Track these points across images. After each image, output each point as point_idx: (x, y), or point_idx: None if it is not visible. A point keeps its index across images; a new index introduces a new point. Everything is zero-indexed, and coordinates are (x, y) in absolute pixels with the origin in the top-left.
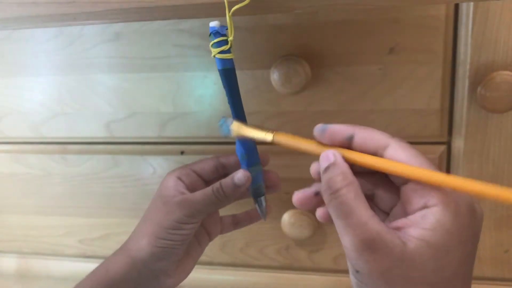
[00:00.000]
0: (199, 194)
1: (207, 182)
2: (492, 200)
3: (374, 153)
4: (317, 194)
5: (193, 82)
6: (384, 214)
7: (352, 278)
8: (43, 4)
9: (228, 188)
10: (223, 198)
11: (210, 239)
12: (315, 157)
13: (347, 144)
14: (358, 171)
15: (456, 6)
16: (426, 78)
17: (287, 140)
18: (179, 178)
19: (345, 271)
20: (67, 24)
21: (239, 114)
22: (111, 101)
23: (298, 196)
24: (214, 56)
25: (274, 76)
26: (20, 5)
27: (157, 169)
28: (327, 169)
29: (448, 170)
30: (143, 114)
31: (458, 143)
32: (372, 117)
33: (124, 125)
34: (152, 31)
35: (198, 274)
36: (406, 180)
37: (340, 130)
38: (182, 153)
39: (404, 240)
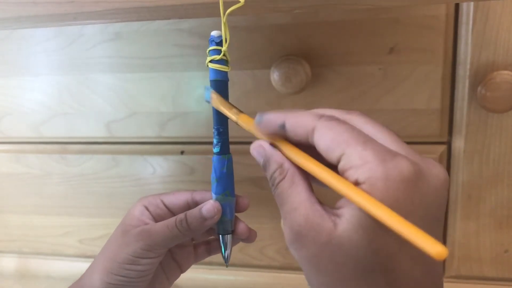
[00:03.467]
0: (160, 225)
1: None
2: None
3: (306, 140)
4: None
5: (193, 82)
6: None
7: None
8: (43, 4)
9: (194, 220)
10: (187, 231)
11: (182, 271)
12: None
13: (282, 132)
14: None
15: (456, 6)
16: (426, 78)
17: (247, 124)
18: (146, 208)
19: None
20: (67, 24)
21: (223, 136)
22: (111, 101)
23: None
24: (207, 64)
25: (274, 76)
26: (20, 5)
27: (157, 169)
28: (264, 167)
29: (448, 170)
30: (143, 114)
31: (458, 143)
32: (372, 117)
33: (124, 125)
34: (152, 31)
35: (197, 274)
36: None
37: (273, 119)
38: (182, 153)
39: (335, 221)
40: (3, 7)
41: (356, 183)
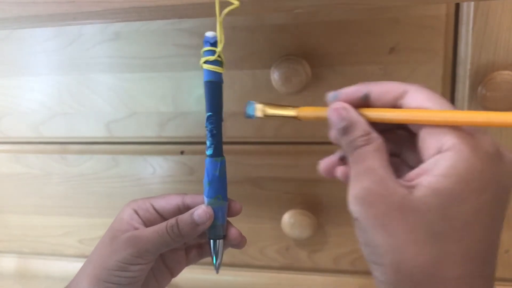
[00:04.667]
0: (150, 231)
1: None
2: None
3: (393, 106)
4: (342, 159)
5: (193, 82)
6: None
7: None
8: (43, 4)
9: (186, 226)
10: (178, 237)
11: (173, 276)
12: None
13: (364, 104)
14: (383, 129)
15: (457, 6)
16: (426, 78)
17: (312, 113)
18: (136, 212)
19: (345, 271)
20: (67, 24)
21: (216, 138)
22: (111, 101)
23: (323, 164)
24: (201, 65)
25: (274, 76)
26: (20, 4)
27: (157, 169)
28: (345, 129)
29: None
30: (143, 114)
31: None
32: None
33: (124, 125)
34: (152, 31)
35: (197, 274)
36: (422, 127)
37: (353, 91)
38: (182, 153)
39: (410, 189)
40: (3, 7)
41: (442, 148)
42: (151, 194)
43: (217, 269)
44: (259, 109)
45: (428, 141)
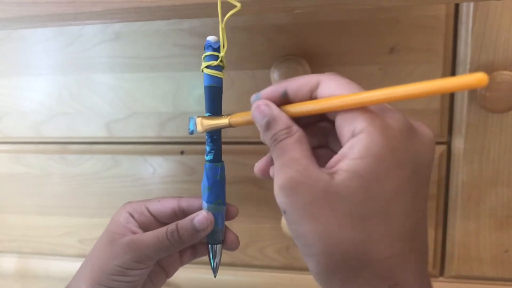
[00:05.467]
0: (150, 236)
1: (163, 223)
2: (424, 96)
3: (310, 98)
4: None
5: (193, 82)
6: None
7: (285, 224)
8: (43, 4)
9: (186, 232)
10: (178, 243)
11: (168, 276)
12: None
13: (284, 101)
14: (307, 122)
15: (456, 6)
16: (426, 78)
17: (240, 118)
18: (131, 215)
19: None
20: (67, 24)
21: (216, 144)
22: (111, 101)
23: (258, 165)
24: (202, 70)
25: (274, 76)
26: (20, 5)
27: (157, 169)
28: (267, 125)
29: (448, 170)
30: (143, 114)
31: (458, 143)
32: None
33: (124, 125)
34: (152, 31)
35: (197, 274)
36: (336, 114)
37: (272, 90)
38: (182, 153)
39: (332, 175)
40: (3, 7)
41: (355, 131)
42: (151, 194)
43: (215, 272)
44: (198, 123)
45: (343, 127)
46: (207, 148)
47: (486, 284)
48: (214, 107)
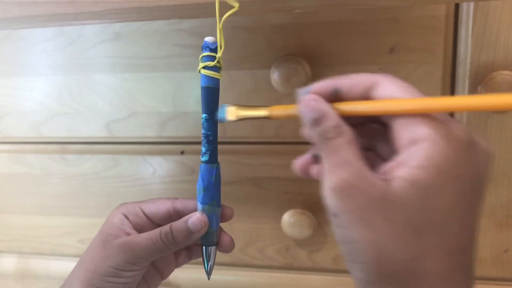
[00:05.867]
0: (144, 238)
1: (158, 225)
2: (498, 109)
3: (365, 99)
4: (316, 157)
5: (193, 82)
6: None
7: (333, 228)
8: (43, 4)
9: (180, 233)
10: (172, 245)
11: (163, 278)
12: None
13: (335, 99)
14: (355, 122)
15: (456, 6)
16: (426, 78)
17: (282, 111)
18: (126, 216)
19: (345, 271)
20: (67, 24)
21: (212, 144)
22: (111, 101)
23: (298, 163)
24: (199, 71)
25: (274, 76)
26: (20, 5)
27: (157, 169)
28: (316, 121)
29: None
30: (143, 114)
31: None
32: None
33: (124, 125)
34: (152, 31)
35: (198, 274)
36: (394, 118)
37: (323, 85)
38: (182, 153)
39: (387, 182)
40: (3, 7)
41: (416, 138)
42: (151, 194)
43: (209, 275)
44: (231, 112)
45: (401, 132)
46: (203, 149)
47: (486, 284)
48: (211, 108)
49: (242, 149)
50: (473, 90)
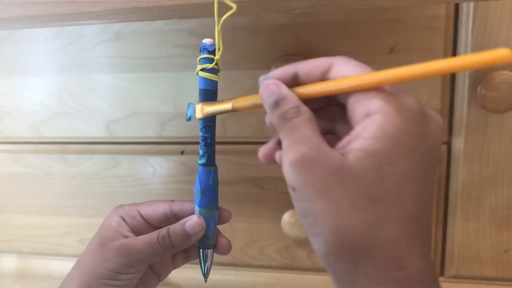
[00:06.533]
0: (141, 241)
1: (155, 227)
2: (445, 73)
3: (323, 80)
4: (279, 143)
5: (193, 82)
6: None
7: (293, 202)
8: (43, 4)
9: (177, 237)
10: (170, 248)
11: (160, 280)
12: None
13: (294, 84)
14: (316, 107)
15: (456, 6)
16: (426, 78)
17: (245, 101)
18: (123, 219)
19: None
20: (67, 24)
21: (210, 147)
22: (111, 101)
23: (262, 150)
24: (197, 73)
25: None
26: (20, 5)
27: (157, 169)
28: (276, 104)
29: (448, 170)
30: (143, 114)
31: (458, 143)
32: None
33: (124, 125)
34: (152, 31)
35: (198, 274)
36: (349, 95)
37: (283, 71)
38: (182, 153)
39: (344, 154)
40: (3, 7)
41: (369, 112)
42: (151, 194)
43: (206, 277)
44: (198, 110)
45: (356, 108)
46: (201, 152)
47: (486, 284)
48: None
49: (242, 149)
50: (473, 90)
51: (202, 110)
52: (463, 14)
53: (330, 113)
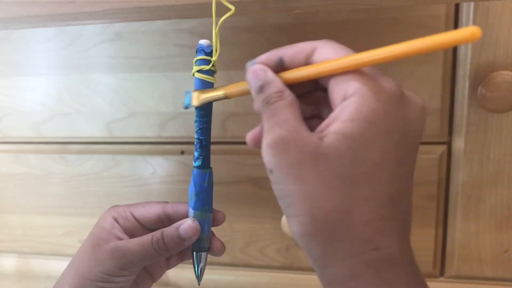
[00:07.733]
0: (135, 243)
1: (149, 229)
2: (420, 53)
3: (307, 64)
4: None
5: (193, 82)
6: None
7: (271, 185)
8: (43, 4)
9: (171, 240)
10: (163, 251)
11: (154, 281)
12: None
13: (281, 69)
14: (303, 92)
15: (456, 6)
16: (426, 78)
17: (235, 88)
18: (116, 220)
19: None
20: (67, 24)
21: (205, 149)
22: (111, 101)
23: (250, 135)
24: (193, 74)
25: None
26: (20, 5)
27: (157, 169)
28: (261, 88)
29: (448, 170)
30: (143, 114)
31: (458, 143)
32: None
33: (124, 125)
34: (152, 31)
35: None
36: (330, 79)
37: (268, 56)
38: (182, 153)
39: (322, 138)
40: (3, 7)
41: (347, 94)
42: (151, 194)
43: (199, 279)
44: (194, 97)
45: (335, 91)
46: (196, 154)
47: (486, 284)
48: (205, 113)
49: (242, 149)
50: (473, 90)
51: (198, 97)
52: (463, 14)
53: (316, 98)
